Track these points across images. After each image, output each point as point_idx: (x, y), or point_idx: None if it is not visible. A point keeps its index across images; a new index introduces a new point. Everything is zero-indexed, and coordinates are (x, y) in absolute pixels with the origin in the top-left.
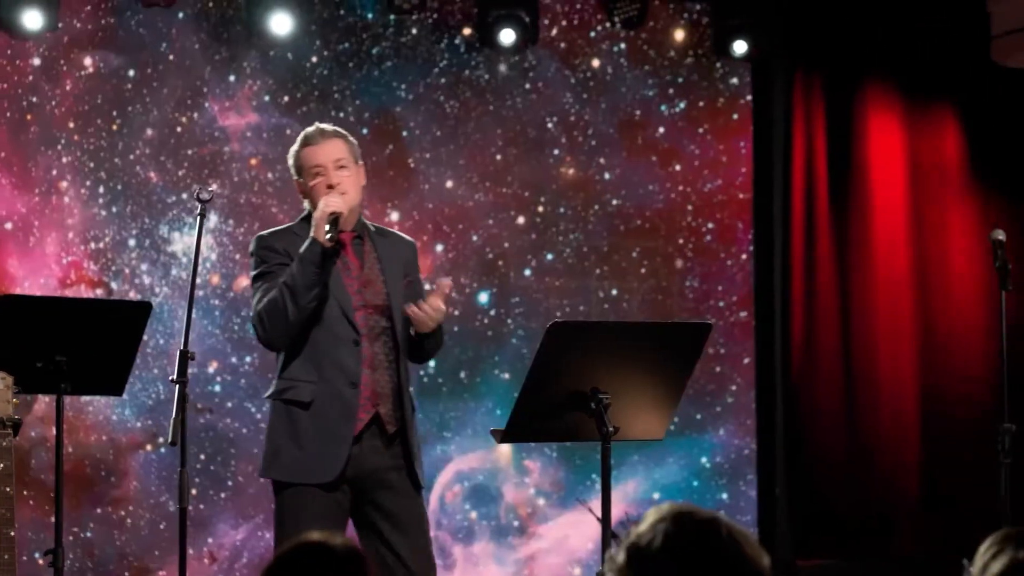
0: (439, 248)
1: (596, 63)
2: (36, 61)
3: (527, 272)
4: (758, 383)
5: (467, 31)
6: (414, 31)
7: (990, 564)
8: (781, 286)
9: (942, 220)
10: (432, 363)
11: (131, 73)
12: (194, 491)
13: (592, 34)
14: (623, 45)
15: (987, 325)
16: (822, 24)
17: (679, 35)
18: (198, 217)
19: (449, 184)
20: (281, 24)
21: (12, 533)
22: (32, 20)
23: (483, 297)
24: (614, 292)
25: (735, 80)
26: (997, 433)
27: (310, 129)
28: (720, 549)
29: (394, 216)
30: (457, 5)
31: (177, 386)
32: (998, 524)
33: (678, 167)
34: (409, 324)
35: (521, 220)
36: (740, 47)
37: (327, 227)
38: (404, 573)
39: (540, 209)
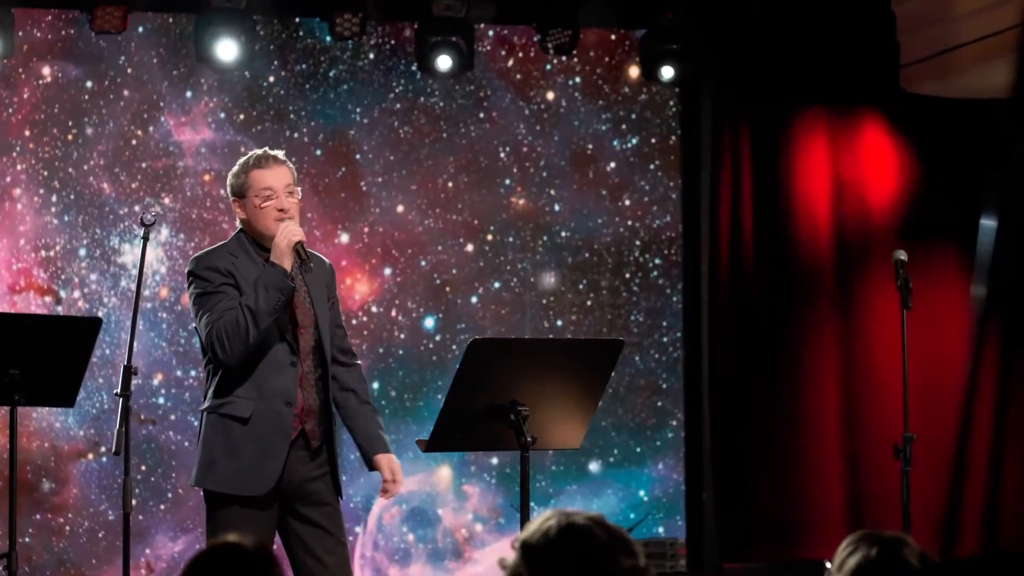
0: (387, 272)
1: (551, 95)
2: None
3: (474, 299)
4: (687, 397)
5: None
6: (371, 56)
7: (846, 561)
8: (709, 303)
9: (864, 239)
10: (376, 385)
11: (89, 84)
12: (134, 501)
13: (548, 67)
14: (578, 79)
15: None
16: (748, 52)
17: (634, 71)
18: (142, 240)
19: (400, 209)
20: (227, 51)
21: None
22: None
23: (429, 322)
24: (559, 323)
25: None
26: (900, 442)
27: (258, 152)
28: (603, 540)
29: (344, 238)
30: (405, 33)
31: (121, 399)
32: (907, 527)
33: (628, 202)
34: (334, 342)
35: (470, 248)
36: (667, 72)
37: (296, 256)
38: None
39: (489, 237)
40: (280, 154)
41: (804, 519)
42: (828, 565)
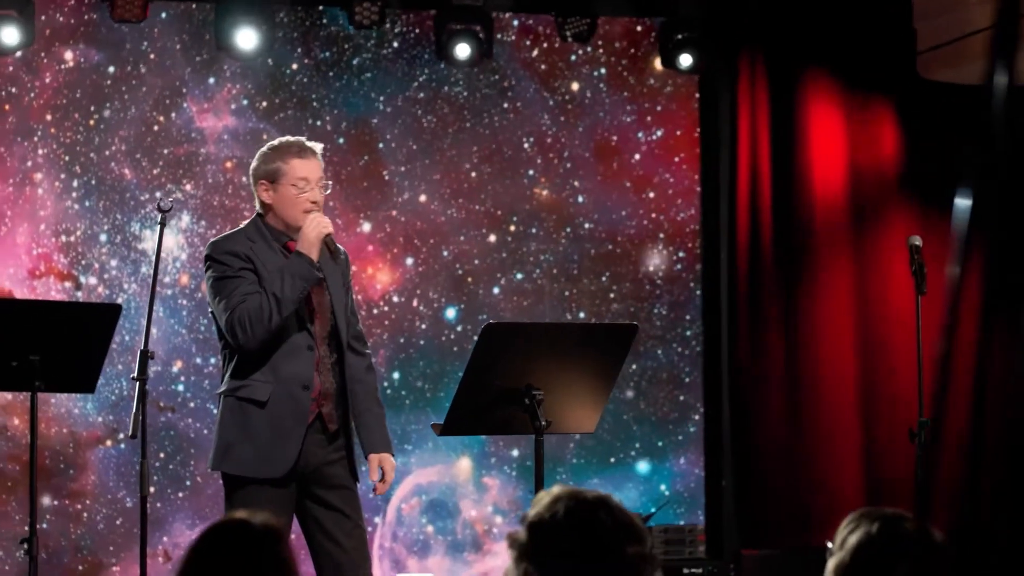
0: (409, 262)
1: (575, 86)
2: (17, 52)
3: (496, 290)
4: (706, 386)
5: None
6: (395, 44)
7: (848, 538)
8: (728, 295)
9: (880, 222)
10: (396, 375)
11: (111, 69)
12: (152, 489)
13: (572, 57)
14: (603, 70)
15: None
16: (765, 39)
17: (659, 63)
18: (158, 226)
19: (422, 198)
20: (246, 39)
21: None
22: (9, 36)
23: (450, 313)
24: (582, 315)
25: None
26: (915, 427)
27: (295, 141)
28: (609, 526)
29: (366, 227)
30: (429, 22)
31: (138, 383)
32: (922, 512)
33: (652, 194)
34: (351, 328)
35: (492, 238)
36: (685, 60)
37: (326, 248)
38: (346, 559)
39: (512, 228)
40: (317, 147)
41: (822, 505)
42: (830, 545)
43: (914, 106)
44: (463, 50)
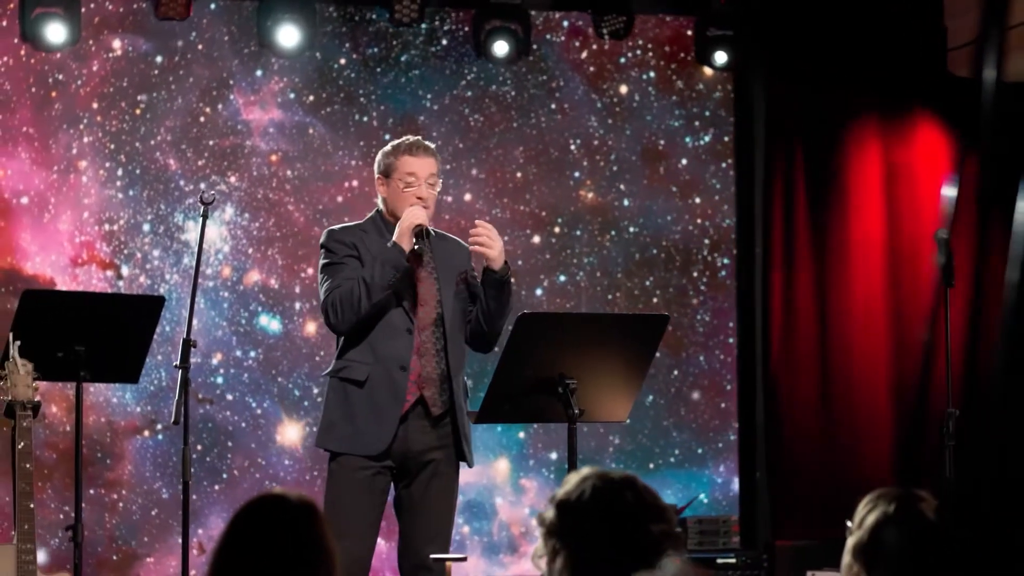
0: None
1: (624, 89)
2: (63, 49)
3: (539, 292)
4: (740, 370)
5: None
6: (444, 41)
7: (866, 518)
8: (762, 299)
9: (914, 217)
10: None
11: (158, 59)
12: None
13: (622, 60)
14: (652, 73)
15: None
16: (796, 39)
17: (708, 69)
18: (201, 218)
19: (467, 197)
20: (288, 36)
21: (32, 505)
22: (55, 33)
23: None
24: None
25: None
26: (941, 418)
27: (412, 139)
28: (637, 497)
29: None
30: (459, 19)
31: (180, 371)
32: (948, 502)
33: (698, 200)
34: (461, 317)
35: (537, 239)
36: (720, 58)
37: (414, 239)
38: (409, 553)
39: (556, 230)
40: (431, 145)
41: (855, 498)
42: (849, 524)
43: (946, 102)
44: (501, 47)
